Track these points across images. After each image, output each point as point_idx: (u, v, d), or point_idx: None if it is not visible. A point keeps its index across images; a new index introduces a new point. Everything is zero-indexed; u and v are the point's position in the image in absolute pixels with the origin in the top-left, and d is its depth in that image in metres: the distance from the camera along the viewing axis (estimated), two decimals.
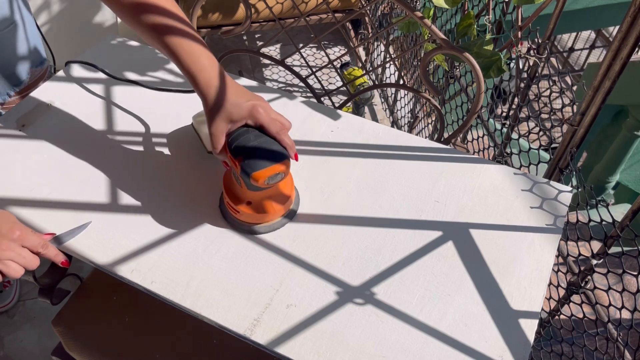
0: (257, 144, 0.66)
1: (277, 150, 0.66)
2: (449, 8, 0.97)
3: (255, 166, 0.64)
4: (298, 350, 0.63)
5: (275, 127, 0.67)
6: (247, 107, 0.66)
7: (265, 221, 0.73)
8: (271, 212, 0.72)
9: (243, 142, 0.66)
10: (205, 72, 0.66)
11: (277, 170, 0.65)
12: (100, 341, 0.91)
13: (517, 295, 0.68)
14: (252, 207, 0.71)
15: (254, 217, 0.72)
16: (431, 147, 0.86)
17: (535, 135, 1.04)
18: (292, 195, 0.75)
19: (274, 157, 0.65)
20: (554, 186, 0.80)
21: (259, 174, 0.64)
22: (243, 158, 0.65)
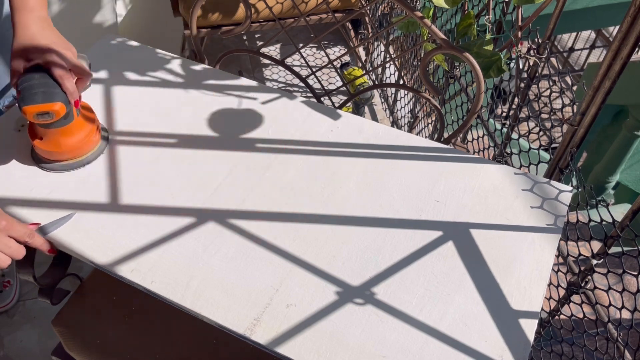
0: (37, 83, 0.71)
1: (54, 91, 0.72)
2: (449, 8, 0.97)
3: (26, 101, 0.70)
4: (298, 350, 0.63)
5: (60, 72, 0.72)
6: (43, 49, 0.72)
7: (62, 159, 0.79)
8: (62, 150, 0.78)
9: (26, 80, 0.71)
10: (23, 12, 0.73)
11: (47, 109, 0.71)
12: (100, 341, 0.90)
13: (517, 295, 0.68)
14: (43, 143, 0.77)
15: (47, 154, 0.78)
16: (431, 147, 0.86)
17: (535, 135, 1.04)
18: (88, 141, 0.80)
19: (46, 97, 0.71)
20: (554, 186, 0.80)
21: (27, 109, 0.70)
22: (20, 93, 0.71)
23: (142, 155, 0.82)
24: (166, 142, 0.84)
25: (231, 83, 0.95)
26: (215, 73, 0.96)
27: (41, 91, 0.71)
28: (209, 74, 0.96)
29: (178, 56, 0.99)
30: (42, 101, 0.71)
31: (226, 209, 0.76)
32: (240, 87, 0.94)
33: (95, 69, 0.95)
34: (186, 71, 0.96)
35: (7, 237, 0.66)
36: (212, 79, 0.95)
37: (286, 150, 0.84)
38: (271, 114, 0.90)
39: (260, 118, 0.89)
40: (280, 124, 0.88)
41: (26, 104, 0.70)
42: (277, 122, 0.89)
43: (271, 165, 0.82)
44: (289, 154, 0.84)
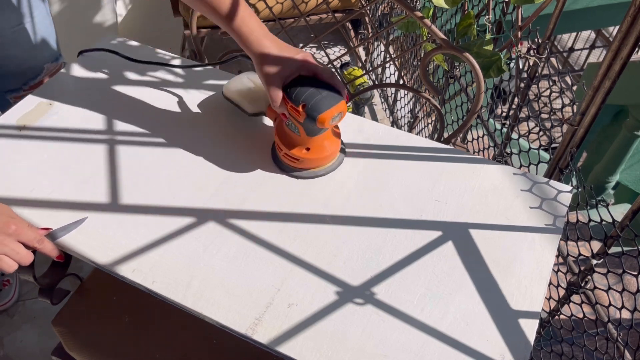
0: (315, 90, 0.71)
1: (334, 92, 0.72)
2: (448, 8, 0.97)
3: (320, 109, 0.70)
4: (299, 350, 0.63)
5: (327, 73, 0.73)
6: (299, 58, 0.72)
7: (324, 164, 0.80)
8: (329, 152, 0.78)
9: (303, 90, 0.71)
10: (256, 32, 0.72)
11: (339, 110, 0.72)
12: (100, 341, 0.91)
13: (517, 295, 0.68)
14: (310, 153, 0.77)
15: (314, 162, 0.78)
16: (431, 147, 0.86)
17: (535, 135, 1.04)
18: (339, 141, 0.81)
19: (333, 99, 0.71)
20: (554, 186, 0.80)
21: (324, 116, 0.70)
22: (306, 104, 0.70)
23: (142, 155, 0.82)
24: (166, 142, 0.84)
25: None
26: (215, 73, 0.96)
27: (324, 95, 0.71)
28: (209, 74, 0.96)
29: (178, 56, 0.99)
30: (333, 104, 0.71)
31: (227, 209, 0.76)
32: None
33: (96, 69, 0.95)
34: (186, 71, 0.96)
35: (16, 242, 0.65)
36: (212, 79, 0.95)
37: None
38: None
39: (260, 118, 0.89)
40: None
41: (321, 112, 0.70)
42: None
43: (271, 165, 0.82)
44: None
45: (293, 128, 0.76)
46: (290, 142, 0.78)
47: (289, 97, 0.72)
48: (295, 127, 0.76)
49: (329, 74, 0.73)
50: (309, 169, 0.79)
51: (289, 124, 0.77)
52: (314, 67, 0.73)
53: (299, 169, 0.79)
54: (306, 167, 0.79)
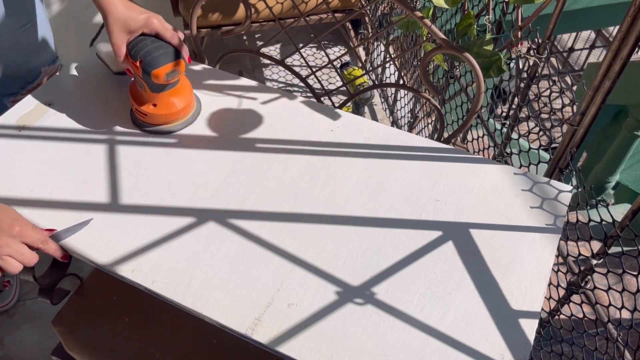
0: (153, 47, 0.77)
1: (171, 50, 0.78)
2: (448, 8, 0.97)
3: (153, 64, 0.76)
4: (299, 350, 0.63)
5: (169, 33, 0.79)
6: (143, 18, 0.78)
7: (175, 119, 0.84)
8: (174, 111, 0.83)
9: (141, 47, 0.77)
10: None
11: (174, 67, 0.77)
12: (100, 341, 0.90)
13: (517, 295, 0.68)
14: (157, 108, 0.82)
15: (160, 117, 0.83)
16: (431, 146, 0.86)
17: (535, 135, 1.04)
18: (191, 98, 0.86)
19: (169, 57, 0.77)
20: (554, 185, 0.80)
21: (158, 71, 0.76)
22: (142, 60, 0.76)
23: (142, 155, 0.82)
24: (166, 142, 0.84)
25: (231, 83, 0.95)
26: (215, 73, 0.96)
27: (161, 53, 0.76)
28: (209, 74, 0.96)
29: None
30: (167, 61, 0.76)
31: (227, 209, 0.76)
32: (240, 87, 0.94)
33: (95, 69, 0.95)
34: (186, 71, 0.96)
35: (20, 244, 0.66)
36: (212, 79, 0.95)
37: (286, 150, 0.84)
38: (271, 114, 0.90)
39: (260, 118, 0.89)
40: (281, 124, 0.88)
41: (155, 67, 0.75)
42: (277, 122, 0.89)
43: (272, 165, 0.82)
44: (289, 154, 0.84)
45: (140, 84, 0.80)
46: (140, 98, 0.82)
47: (130, 53, 0.77)
48: (141, 83, 0.80)
49: (171, 34, 0.79)
50: (161, 124, 0.84)
51: (137, 80, 0.81)
52: (156, 26, 0.78)
53: (149, 124, 0.84)
54: (156, 122, 0.83)
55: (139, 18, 0.78)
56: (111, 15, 0.77)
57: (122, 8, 0.78)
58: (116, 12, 0.77)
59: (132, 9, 0.79)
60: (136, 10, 0.79)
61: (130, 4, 0.79)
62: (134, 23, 0.78)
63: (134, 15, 0.78)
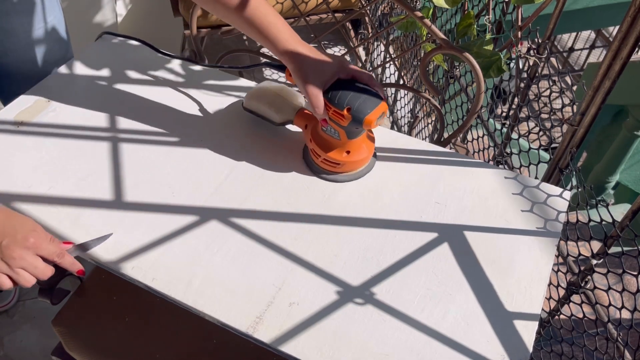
0: (357, 92, 0.71)
1: (374, 93, 0.72)
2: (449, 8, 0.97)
3: (365, 110, 0.71)
4: (301, 349, 0.63)
5: (365, 75, 0.73)
6: (336, 62, 0.72)
7: (361, 166, 0.80)
8: (367, 154, 0.79)
9: (345, 93, 0.71)
10: (291, 39, 0.72)
11: (382, 110, 0.72)
12: (100, 341, 0.90)
13: (517, 295, 0.68)
14: (351, 155, 0.78)
15: (353, 164, 0.79)
16: (430, 149, 0.86)
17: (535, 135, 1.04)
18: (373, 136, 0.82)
19: (375, 100, 0.72)
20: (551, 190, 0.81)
21: (370, 117, 0.71)
22: (351, 107, 0.71)
23: (143, 154, 0.82)
24: (167, 141, 0.84)
25: (231, 83, 0.95)
26: (215, 73, 0.96)
27: (367, 97, 0.71)
28: (209, 74, 0.96)
29: (178, 56, 0.99)
30: (375, 105, 0.71)
31: (228, 208, 0.76)
32: (240, 87, 0.94)
33: (95, 68, 0.95)
34: (186, 71, 0.96)
35: (34, 256, 0.64)
36: (212, 79, 0.95)
37: (286, 150, 0.84)
38: None
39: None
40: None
41: (367, 114, 0.71)
42: None
43: (272, 164, 0.82)
44: (289, 154, 0.84)
45: (332, 133, 0.76)
46: (329, 147, 0.78)
47: (332, 102, 0.72)
48: (335, 132, 0.76)
49: (367, 76, 0.73)
50: (348, 172, 0.80)
51: (327, 129, 0.76)
52: (351, 70, 0.73)
53: (337, 172, 0.80)
54: (345, 170, 0.80)
55: (332, 63, 0.72)
56: (301, 63, 0.71)
57: (311, 55, 0.72)
58: (306, 59, 0.71)
59: (320, 54, 0.72)
60: (324, 55, 0.73)
61: (313, 49, 0.73)
62: (328, 68, 0.72)
63: (325, 60, 0.72)
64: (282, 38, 0.71)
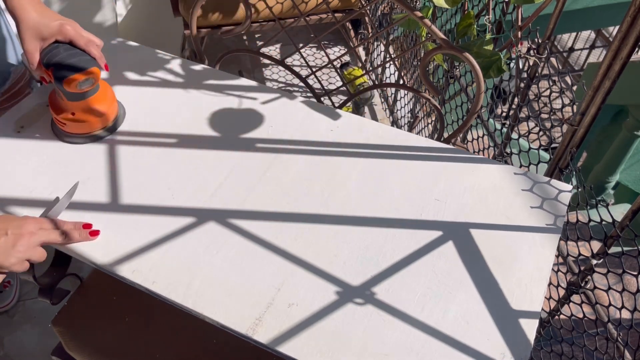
0: (66, 55, 0.74)
1: (85, 59, 0.75)
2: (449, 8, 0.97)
3: (65, 73, 0.73)
4: (300, 350, 0.63)
5: (83, 41, 0.77)
6: (56, 25, 0.75)
7: (91, 130, 0.82)
8: (92, 120, 0.80)
9: (54, 55, 0.75)
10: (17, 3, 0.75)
11: (86, 76, 0.74)
12: (100, 341, 0.90)
13: (518, 293, 0.68)
14: (76, 117, 0.79)
15: (79, 127, 0.80)
16: (431, 146, 0.86)
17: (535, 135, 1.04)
18: (112, 108, 0.83)
19: (82, 65, 0.74)
20: (555, 185, 0.81)
21: (70, 79, 0.73)
22: (54, 68, 0.74)
23: (142, 156, 0.82)
24: (166, 142, 0.84)
25: (231, 83, 0.95)
26: (215, 73, 0.96)
27: (74, 61, 0.74)
28: (209, 74, 0.96)
29: (178, 56, 0.99)
30: (81, 69, 0.73)
31: (227, 209, 0.76)
32: (240, 87, 0.94)
33: None
34: (186, 71, 0.96)
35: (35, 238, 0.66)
36: (212, 79, 0.95)
37: (286, 150, 0.85)
38: (271, 114, 0.90)
39: (260, 118, 0.89)
40: (280, 124, 0.88)
41: (67, 76, 0.73)
42: (277, 122, 0.89)
43: (272, 165, 0.82)
44: (289, 154, 0.84)
45: (58, 93, 0.78)
46: (58, 107, 0.80)
47: (42, 61, 0.75)
48: (58, 92, 0.78)
49: (85, 42, 0.76)
50: (81, 133, 0.81)
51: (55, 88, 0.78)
52: (69, 33, 0.76)
53: (69, 133, 0.81)
54: (75, 131, 0.81)
55: (51, 25, 0.75)
56: (23, 22, 0.75)
57: (34, 14, 0.75)
58: (28, 18, 0.75)
59: (45, 16, 0.76)
60: (49, 16, 0.76)
61: (44, 10, 0.76)
62: (46, 30, 0.75)
63: (46, 21, 0.75)
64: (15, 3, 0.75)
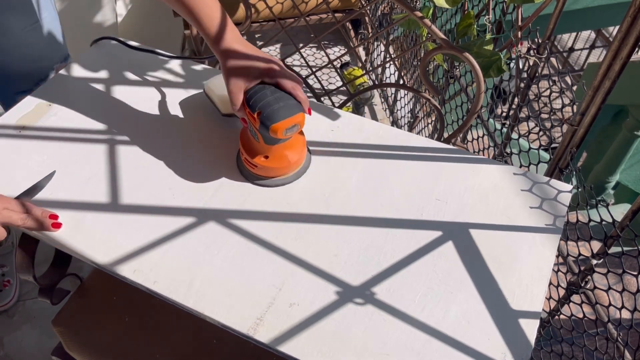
0: (273, 99, 0.71)
1: (293, 103, 0.71)
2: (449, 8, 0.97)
3: (273, 118, 0.69)
4: (301, 349, 0.63)
5: (290, 84, 0.72)
6: (263, 64, 0.72)
7: (280, 174, 0.78)
8: (286, 165, 0.77)
9: (261, 97, 0.71)
10: (225, 35, 0.73)
11: (294, 122, 0.70)
12: (100, 341, 0.91)
13: (518, 293, 0.68)
14: (269, 161, 0.76)
15: (270, 170, 0.77)
16: (432, 146, 0.86)
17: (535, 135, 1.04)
18: (304, 152, 0.80)
19: (290, 110, 0.71)
20: (555, 185, 0.81)
21: (277, 126, 0.69)
22: (261, 112, 0.70)
23: (142, 155, 0.82)
24: (167, 143, 0.84)
25: None
26: (215, 73, 0.96)
27: (280, 107, 0.70)
28: (209, 74, 0.96)
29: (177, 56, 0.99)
30: (288, 115, 0.70)
31: (227, 209, 0.76)
32: None
33: (96, 71, 0.95)
34: (186, 71, 0.96)
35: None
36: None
37: None
38: None
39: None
40: None
41: (275, 122, 0.69)
42: None
43: None
44: None
45: (254, 134, 0.75)
46: (252, 149, 0.77)
47: (247, 103, 0.72)
48: (255, 134, 0.75)
49: (292, 85, 0.72)
50: (270, 177, 0.78)
51: (250, 129, 0.76)
52: (278, 74, 0.72)
53: (259, 176, 0.78)
54: (265, 175, 0.78)
55: (258, 65, 0.72)
56: (229, 61, 0.71)
57: (241, 52, 0.72)
58: (235, 56, 0.72)
59: (251, 56, 0.72)
60: (256, 56, 0.73)
61: (249, 47, 0.73)
62: (253, 70, 0.72)
63: (253, 62, 0.72)
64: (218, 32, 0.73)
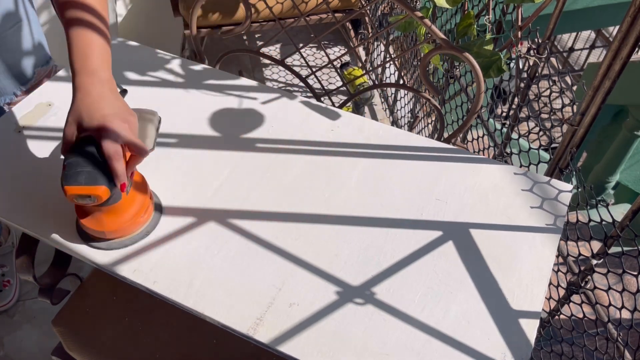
0: (80, 160, 0.63)
1: (97, 173, 0.63)
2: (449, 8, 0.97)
3: (68, 180, 0.62)
4: (301, 349, 0.63)
5: (110, 151, 0.63)
6: (99, 121, 0.63)
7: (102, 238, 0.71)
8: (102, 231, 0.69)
9: (73, 155, 0.63)
10: (83, 75, 0.65)
11: (88, 192, 0.63)
12: (100, 341, 0.91)
13: (519, 293, 0.68)
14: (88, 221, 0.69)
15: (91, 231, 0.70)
16: (432, 146, 0.86)
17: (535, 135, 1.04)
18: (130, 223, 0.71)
19: (90, 179, 0.63)
20: (555, 185, 0.81)
21: (67, 189, 0.62)
22: (65, 167, 0.63)
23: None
24: (167, 142, 0.84)
25: (231, 83, 0.95)
26: (215, 73, 0.96)
27: (86, 171, 0.62)
28: (209, 74, 0.96)
29: (178, 56, 0.99)
30: (84, 183, 0.62)
31: (227, 209, 0.76)
32: (240, 87, 0.94)
33: None
34: (186, 71, 0.96)
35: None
36: (212, 79, 0.95)
37: (287, 150, 0.85)
38: (271, 114, 0.90)
39: (260, 118, 0.89)
40: (281, 124, 0.88)
41: (68, 184, 0.62)
42: (278, 122, 0.89)
43: (272, 165, 0.82)
44: (289, 154, 0.84)
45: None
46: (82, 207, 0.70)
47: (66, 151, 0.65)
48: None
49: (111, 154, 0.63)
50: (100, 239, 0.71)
51: None
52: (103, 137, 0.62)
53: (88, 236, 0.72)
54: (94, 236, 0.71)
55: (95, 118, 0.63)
56: (74, 103, 0.64)
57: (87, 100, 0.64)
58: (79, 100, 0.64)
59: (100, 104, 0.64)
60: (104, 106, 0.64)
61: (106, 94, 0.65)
62: (87, 121, 0.63)
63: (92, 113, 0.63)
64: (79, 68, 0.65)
